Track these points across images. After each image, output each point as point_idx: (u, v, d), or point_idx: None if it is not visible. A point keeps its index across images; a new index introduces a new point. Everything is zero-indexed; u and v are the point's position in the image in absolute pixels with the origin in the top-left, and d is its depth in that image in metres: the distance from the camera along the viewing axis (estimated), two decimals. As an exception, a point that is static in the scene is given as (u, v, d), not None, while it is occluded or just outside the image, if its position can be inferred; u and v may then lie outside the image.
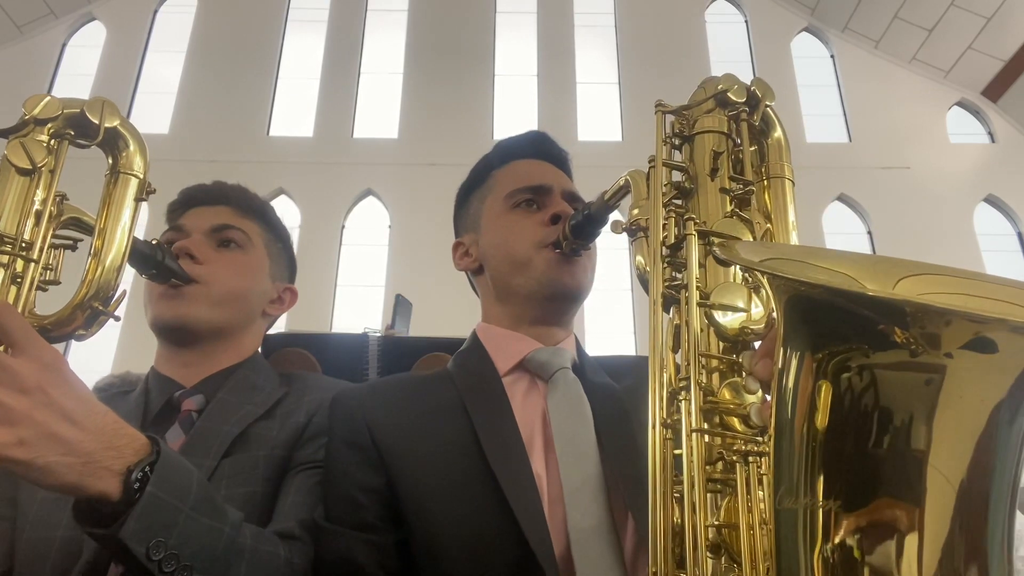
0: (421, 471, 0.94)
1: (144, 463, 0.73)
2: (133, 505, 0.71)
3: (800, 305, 0.49)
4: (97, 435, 0.71)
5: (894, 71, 8.95)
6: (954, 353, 0.41)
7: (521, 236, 1.10)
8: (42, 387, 0.68)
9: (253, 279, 1.23)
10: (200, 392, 1.11)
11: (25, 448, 0.65)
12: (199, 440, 1.03)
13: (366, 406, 1.02)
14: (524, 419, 0.98)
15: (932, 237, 7.67)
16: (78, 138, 0.87)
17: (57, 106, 0.85)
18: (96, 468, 0.70)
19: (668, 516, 0.68)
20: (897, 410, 0.43)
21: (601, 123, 8.65)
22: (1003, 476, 0.42)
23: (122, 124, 0.90)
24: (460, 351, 1.14)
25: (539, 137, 1.25)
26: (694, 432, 0.65)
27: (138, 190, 0.90)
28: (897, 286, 0.45)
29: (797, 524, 0.48)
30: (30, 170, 0.82)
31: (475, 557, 0.87)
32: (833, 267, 0.50)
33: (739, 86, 0.79)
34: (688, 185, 0.74)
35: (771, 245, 0.74)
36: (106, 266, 0.85)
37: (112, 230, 0.87)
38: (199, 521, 0.77)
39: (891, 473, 0.44)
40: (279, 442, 1.06)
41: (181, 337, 1.14)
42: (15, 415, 0.66)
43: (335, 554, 0.92)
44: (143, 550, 0.71)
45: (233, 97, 8.61)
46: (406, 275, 7.82)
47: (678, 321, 0.71)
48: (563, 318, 1.13)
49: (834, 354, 0.46)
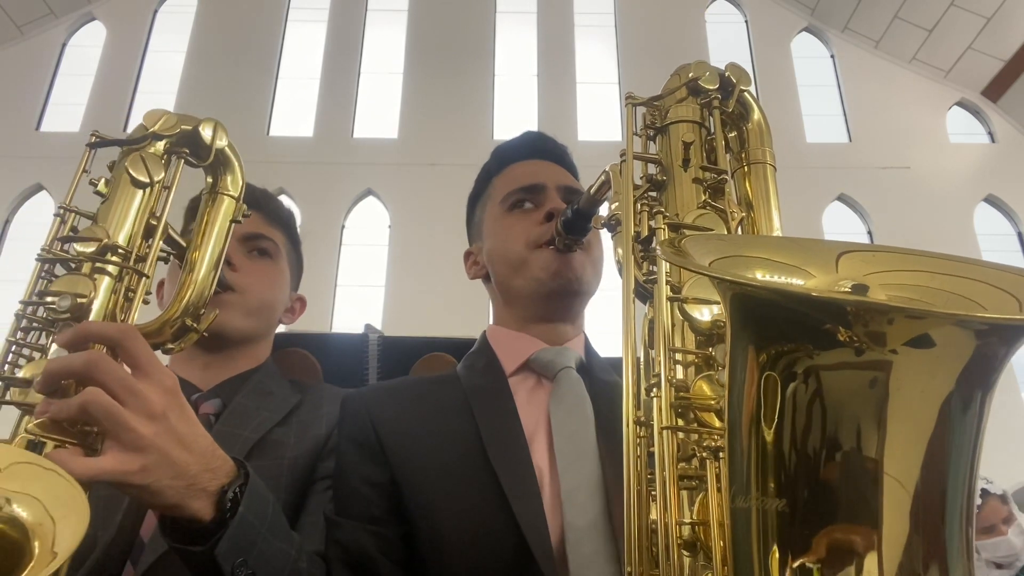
0: (424, 467, 0.95)
1: (235, 484, 0.75)
2: (225, 525, 0.72)
3: (744, 303, 0.48)
4: (200, 457, 0.72)
5: (894, 71, 8.94)
6: (899, 349, 0.40)
7: (516, 237, 1.11)
8: (166, 413, 0.69)
9: (281, 290, 1.26)
10: (217, 396, 1.12)
11: (145, 474, 0.66)
12: (219, 445, 1.03)
13: (372, 405, 1.04)
14: (528, 417, 0.99)
15: (932, 237, 7.65)
16: (191, 156, 0.88)
17: (175, 122, 0.86)
18: (195, 490, 0.71)
19: (643, 514, 0.67)
20: (845, 407, 0.43)
21: (601, 123, 8.64)
22: (959, 467, 0.42)
23: (229, 147, 0.91)
24: (469, 353, 1.15)
25: (533, 136, 1.26)
26: (664, 429, 0.65)
27: (235, 212, 0.91)
28: (839, 265, 0.44)
29: (750, 523, 0.47)
30: (147, 183, 0.82)
31: (475, 551, 0.88)
32: (772, 256, 0.49)
33: (711, 73, 0.78)
34: (661, 177, 0.73)
35: (716, 239, 0.73)
36: (198, 284, 0.86)
37: (206, 249, 0.88)
38: (273, 544, 0.78)
39: (842, 472, 0.44)
40: (300, 451, 1.07)
41: (213, 343, 1.15)
42: (144, 442, 0.66)
43: (345, 545, 0.93)
44: (229, 568, 0.72)
45: (233, 97, 8.61)
46: (406, 275, 7.83)
47: (651, 316, 0.70)
48: (568, 314, 1.13)
49: (780, 351, 0.45)
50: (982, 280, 0.44)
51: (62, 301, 0.73)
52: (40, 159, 7.88)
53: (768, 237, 0.64)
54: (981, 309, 0.43)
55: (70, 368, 0.67)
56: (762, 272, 0.49)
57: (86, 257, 0.77)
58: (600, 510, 0.88)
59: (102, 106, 8.53)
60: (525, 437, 0.96)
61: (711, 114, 0.76)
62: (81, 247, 0.77)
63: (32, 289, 0.77)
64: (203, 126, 0.87)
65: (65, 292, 0.74)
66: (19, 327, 0.74)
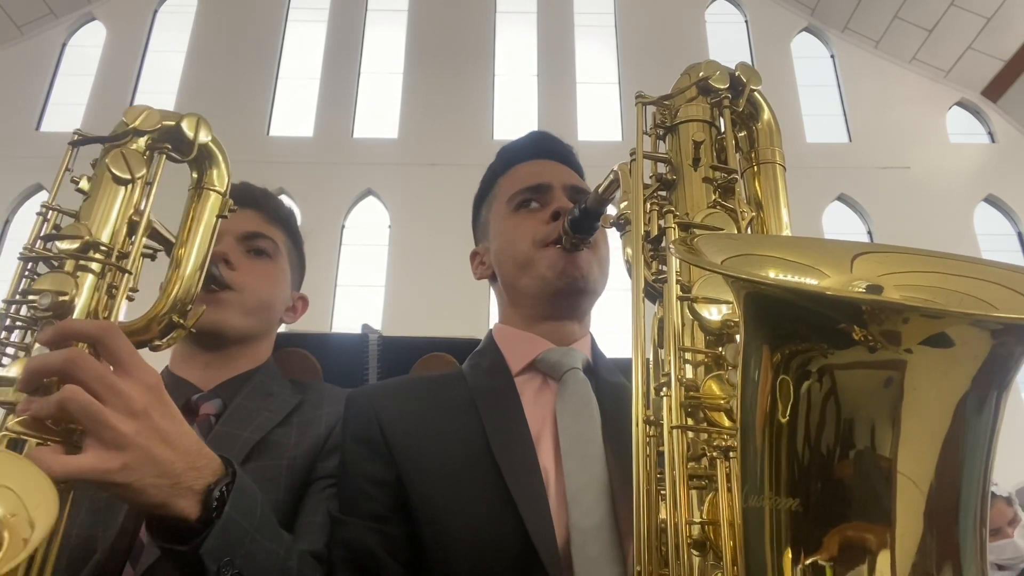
0: (429, 466, 0.95)
1: (221, 483, 0.74)
2: (211, 524, 0.72)
3: (758, 302, 0.48)
4: (185, 455, 0.71)
5: (894, 71, 8.94)
6: (914, 348, 0.40)
7: (522, 237, 1.11)
8: (148, 410, 0.68)
9: (280, 288, 1.25)
10: (218, 396, 1.11)
11: (127, 472, 0.66)
12: (219, 445, 1.02)
13: (377, 403, 1.04)
14: (534, 418, 0.99)
15: (932, 237, 7.64)
16: (173, 152, 0.87)
17: (156, 118, 0.85)
18: (181, 488, 0.71)
19: (653, 514, 0.67)
20: (859, 406, 0.43)
21: (601, 123, 8.64)
22: (973, 467, 0.41)
23: (213, 141, 0.91)
24: (475, 351, 1.15)
25: (539, 136, 1.26)
26: (674, 429, 0.65)
27: (221, 207, 0.91)
28: (853, 266, 0.44)
29: (763, 523, 0.47)
30: (128, 180, 0.82)
31: (481, 551, 0.88)
32: (785, 256, 0.49)
33: (721, 72, 0.78)
34: (671, 176, 0.73)
35: (728, 238, 0.73)
36: (185, 280, 0.86)
37: (193, 244, 0.88)
38: (261, 543, 0.78)
39: (856, 471, 0.43)
40: (300, 452, 1.06)
41: (212, 342, 1.15)
42: (125, 440, 0.66)
43: (349, 543, 0.93)
44: (215, 568, 0.72)
45: (233, 97, 8.60)
46: (406, 275, 7.83)
47: (661, 315, 0.70)
48: (575, 313, 1.13)
49: (794, 350, 0.45)
50: (995, 281, 0.44)
51: (43, 299, 0.73)
52: (40, 159, 7.86)
53: (780, 236, 0.64)
54: (995, 310, 0.43)
55: (49, 366, 0.67)
56: (775, 271, 0.49)
57: (68, 255, 0.77)
58: (606, 512, 0.88)
59: (102, 106, 8.51)
60: (531, 438, 0.96)
61: (721, 113, 0.76)
62: (64, 245, 0.77)
63: (16, 288, 0.77)
64: (185, 121, 0.87)
65: (47, 290, 0.74)
66: (3, 326, 0.74)
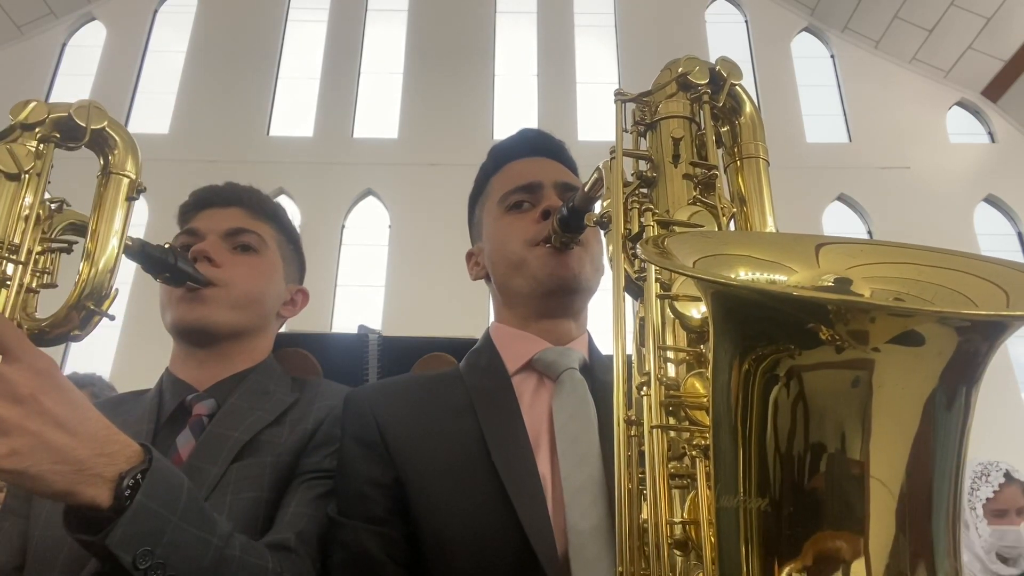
0: (428, 467, 0.95)
1: (136, 470, 0.73)
2: (122, 513, 0.70)
3: (726, 303, 0.47)
4: (89, 441, 0.70)
5: (894, 71, 8.92)
6: (881, 347, 0.40)
7: (513, 237, 1.11)
8: (35, 395, 0.68)
9: (269, 281, 1.24)
10: (212, 396, 1.11)
11: (17, 458, 0.65)
12: (208, 446, 1.03)
13: (376, 404, 1.03)
14: (531, 418, 0.99)
15: (932, 237, 7.63)
16: (65, 141, 0.88)
17: (43, 111, 0.86)
18: (88, 475, 0.70)
19: (634, 514, 0.67)
20: (828, 406, 0.42)
21: (601, 123, 8.62)
22: (944, 463, 0.41)
23: (110, 125, 0.91)
24: (472, 350, 1.15)
25: (530, 134, 1.25)
26: (654, 428, 0.64)
27: (129, 189, 0.91)
28: (819, 259, 0.43)
29: (736, 523, 0.47)
30: (17, 174, 0.83)
31: (479, 553, 0.88)
32: (754, 253, 0.48)
33: (701, 67, 0.77)
34: (651, 174, 0.73)
35: (699, 237, 0.72)
36: (99, 267, 0.86)
37: (104, 231, 0.88)
38: (187, 531, 0.76)
39: (826, 471, 0.43)
40: (286, 448, 1.06)
41: (200, 339, 1.15)
42: (8, 425, 0.65)
43: (347, 546, 0.93)
44: (130, 558, 0.71)
45: (233, 97, 8.61)
46: (406, 275, 7.82)
47: (643, 314, 0.70)
48: (569, 311, 1.12)
49: (763, 350, 0.45)
50: (968, 271, 0.44)
51: None
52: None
53: (751, 233, 0.64)
54: (968, 301, 0.43)
55: None
56: (745, 270, 0.49)
57: None
58: (604, 513, 0.88)
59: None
60: (529, 440, 0.96)
61: (701, 109, 0.76)
62: None
63: None
64: (76, 109, 0.88)
65: None
66: None
